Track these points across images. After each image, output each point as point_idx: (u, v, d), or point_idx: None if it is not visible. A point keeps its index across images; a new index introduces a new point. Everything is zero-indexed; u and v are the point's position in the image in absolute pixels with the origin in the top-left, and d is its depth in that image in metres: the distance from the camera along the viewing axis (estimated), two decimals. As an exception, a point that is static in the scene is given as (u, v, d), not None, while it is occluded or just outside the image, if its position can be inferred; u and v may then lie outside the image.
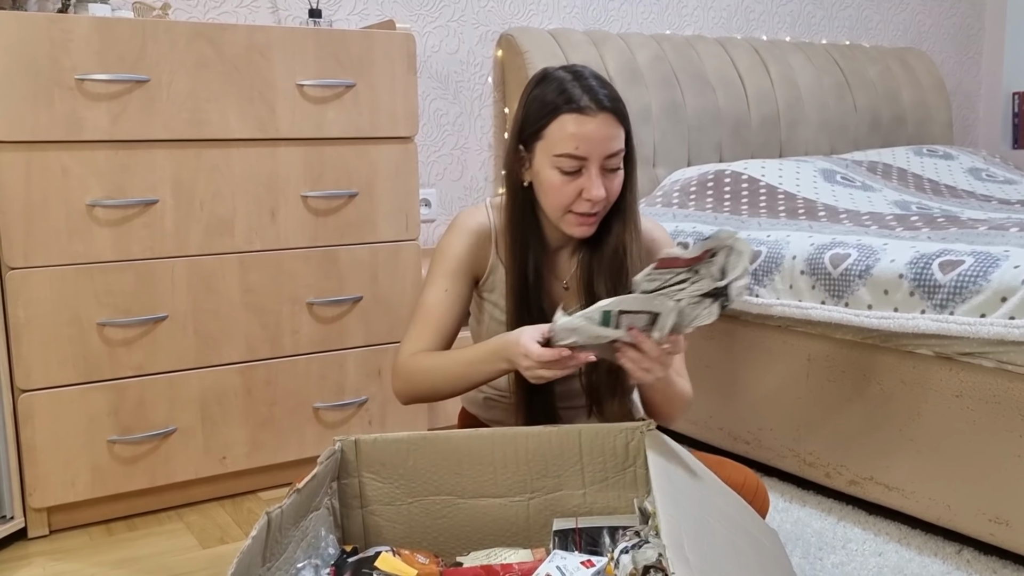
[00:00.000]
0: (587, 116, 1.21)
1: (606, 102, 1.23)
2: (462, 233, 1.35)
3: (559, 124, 1.22)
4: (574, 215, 1.26)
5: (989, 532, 1.43)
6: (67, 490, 1.66)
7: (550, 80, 1.26)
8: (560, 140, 1.22)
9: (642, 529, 1.07)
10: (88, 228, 1.63)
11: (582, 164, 1.23)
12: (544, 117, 1.24)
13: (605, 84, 1.26)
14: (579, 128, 1.21)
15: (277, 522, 1.02)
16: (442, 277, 1.34)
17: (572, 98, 1.22)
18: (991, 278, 1.37)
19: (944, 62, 3.42)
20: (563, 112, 1.22)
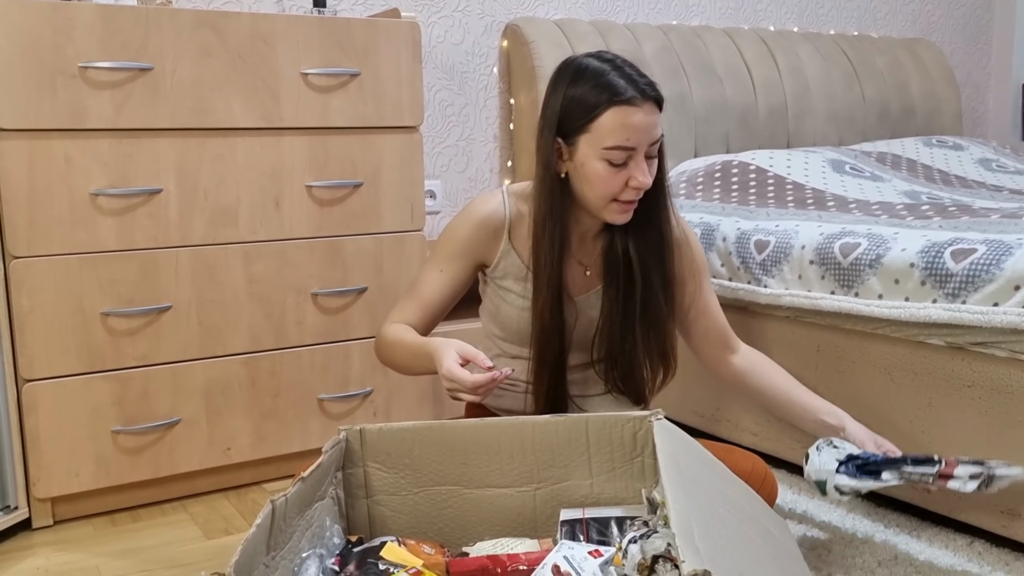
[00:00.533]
0: (635, 107, 1.24)
1: (649, 91, 1.26)
2: (471, 219, 1.38)
3: (609, 117, 1.24)
4: (619, 203, 1.28)
5: (1001, 524, 1.41)
6: (71, 480, 1.65)
7: (588, 72, 1.26)
8: (610, 132, 1.24)
9: (650, 519, 1.06)
10: (92, 217, 1.62)
11: (630, 154, 1.25)
12: (591, 110, 1.25)
13: (641, 71, 1.28)
14: (629, 119, 1.23)
15: (282, 511, 1.01)
16: (441, 258, 1.39)
17: (619, 90, 1.24)
18: (1004, 266, 1.35)
19: (953, 53, 3.39)
20: (613, 105, 1.23)
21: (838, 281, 1.60)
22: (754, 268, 1.77)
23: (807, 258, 1.66)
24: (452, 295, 1.40)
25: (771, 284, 1.73)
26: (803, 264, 1.67)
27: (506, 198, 1.38)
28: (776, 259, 1.72)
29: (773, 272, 1.73)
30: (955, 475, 1.28)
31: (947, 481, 1.29)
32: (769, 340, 1.79)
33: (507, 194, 1.39)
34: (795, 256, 1.69)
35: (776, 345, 1.77)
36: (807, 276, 1.66)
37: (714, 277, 1.86)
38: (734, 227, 1.85)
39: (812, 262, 1.65)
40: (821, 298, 1.63)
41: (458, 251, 1.38)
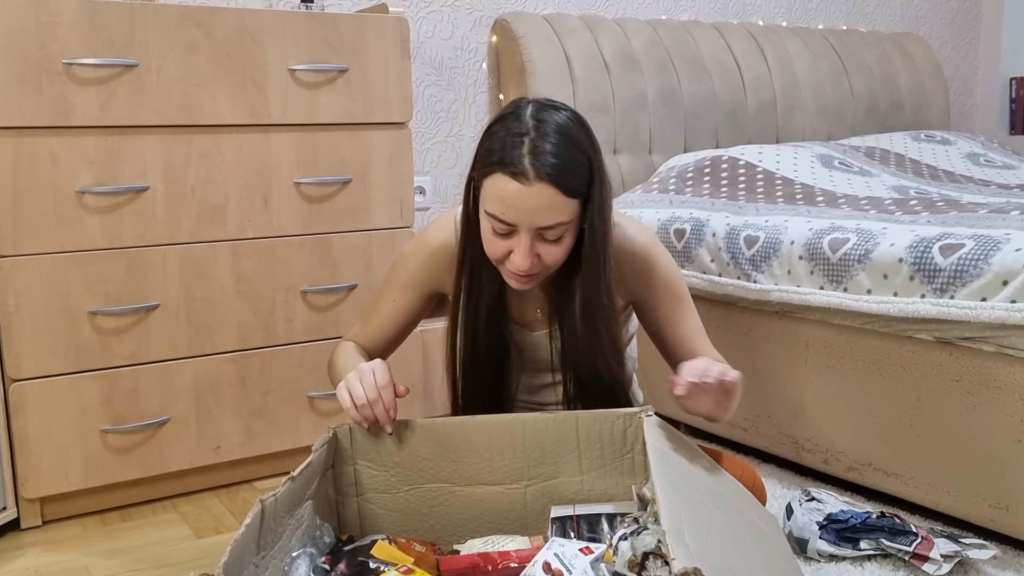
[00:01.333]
0: (519, 183, 1.10)
1: (547, 172, 1.09)
2: (422, 251, 1.33)
3: (492, 182, 1.13)
4: (509, 271, 1.19)
5: (989, 518, 1.42)
6: (60, 480, 1.64)
7: (510, 122, 1.14)
8: (491, 198, 1.13)
9: (641, 516, 1.06)
10: (78, 215, 1.61)
11: (511, 229, 1.14)
12: (485, 167, 1.14)
13: (564, 144, 1.12)
14: (508, 193, 1.11)
15: (271, 510, 1.00)
16: (394, 287, 1.36)
17: (511, 159, 1.10)
18: (992, 261, 1.36)
19: (941, 47, 3.40)
20: (496, 171, 1.12)
21: (827, 276, 1.61)
22: (743, 263, 1.77)
23: (796, 253, 1.66)
24: (406, 324, 1.37)
25: (760, 279, 1.74)
26: (792, 259, 1.67)
27: (457, 227, 1.29)
28: (765, 254, 1.73)
29: (762, 267, 1.73)
30: (930, 557, 1.31)
31: (922, 563, 1.32)
32: (758, 336, 1.79)
33: (458, 223, 1.29)
34: (784, 251, 1.69)
35: (765, 340, 1.78)
36: (796, 271, 1.67)
37: (703, 272, 1.86)
38: (724, 222, 1.85)
39: (801, 257, 1.65)
40: (810, 293, 1.63)
41: (410, 282, 1.34)
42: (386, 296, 1.36)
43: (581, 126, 1.16)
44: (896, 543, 1.35)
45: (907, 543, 1.34)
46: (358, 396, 1.17)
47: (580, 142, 1.14)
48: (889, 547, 1.35)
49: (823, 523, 1.39)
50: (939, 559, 1.30)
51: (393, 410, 1.18)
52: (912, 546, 1.33)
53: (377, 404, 1.17)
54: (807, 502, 1.44)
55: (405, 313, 1.36)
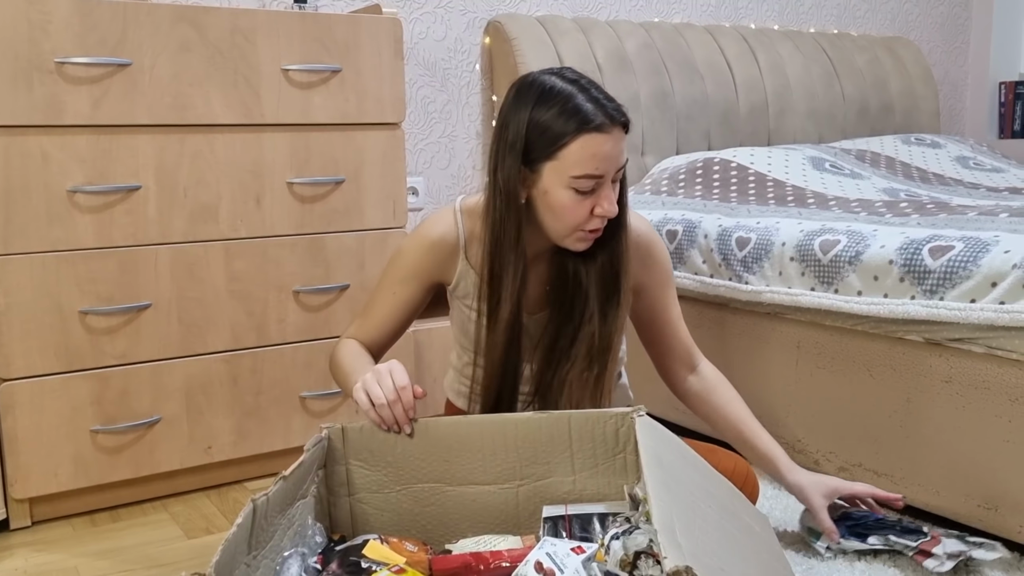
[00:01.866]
0: (605, 134, 1.18)
1: (618, 116, 1.21)
2: (422, 242, 1.33)
3: (580, 145, 1.18)
4: (583, 232, 1.23)
5: (978, 518, 1.43)
6: (49, 481, 1.64)
7: (554, 95, 1.19)
8: (579, 162, 1.18)
9: (632, 515, 1.07)
10: (69, 214, 1.61)
11: (598, 182, 1.20)
12: (559, 138, 1.18)
13: (607, 93, 1.23)
14: (600, 148, 1.18)
15: (263, 510, 1.00)
16: (393, 281, 1.36)
17: (588, 117, 1.18)
18: (981, 263, 1.37)
19: (931, 51, 3.42)
20: (583, 132, 1.17)
21: (818, 278, 1.62)
22: (735, 265, 1.78)
23: (787, 255, 1.67)
24: (406, 317, 1.38)
25: (752, 281, 1.74)
26: (784, 261, 1.68)
27: (459, 217, 1.33)
28: (757, 256, 1.73)
29: (754, 269, 1.74)
30: (933, 553, 1.32)
31: (925, 559, 1.33)
32: (750, 337, 1.80)
33: (460, 212, 1.33)
34: (776, 253, 1.70)
35: (756, 341, 1.78)
36: (787, 273, 1.67)
37: (695, 274, 1.87)
38: (715, 224, 1.86)
39: (792, 259, 1.66)
40: (801, 295, 1.64)
41: (409, 274, 1.34)
42: (385, 290, 1.36)
43: None
44: (903, 539, 1.36)
45: (914, 540, 1.35)
46: (376, 397, 1.17)
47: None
48: (896, 543, 1.36)
49: (835, 519, 1.41)
50: (942, 555, 1.31)
51: (412, 411, 1.19)
52: (918, 543, 1.34)
53: (396, 405, 1.18)
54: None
55: (405, 306, 1.36)
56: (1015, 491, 1.37)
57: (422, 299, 1.38)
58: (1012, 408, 1.37)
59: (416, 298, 1.37)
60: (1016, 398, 1.36)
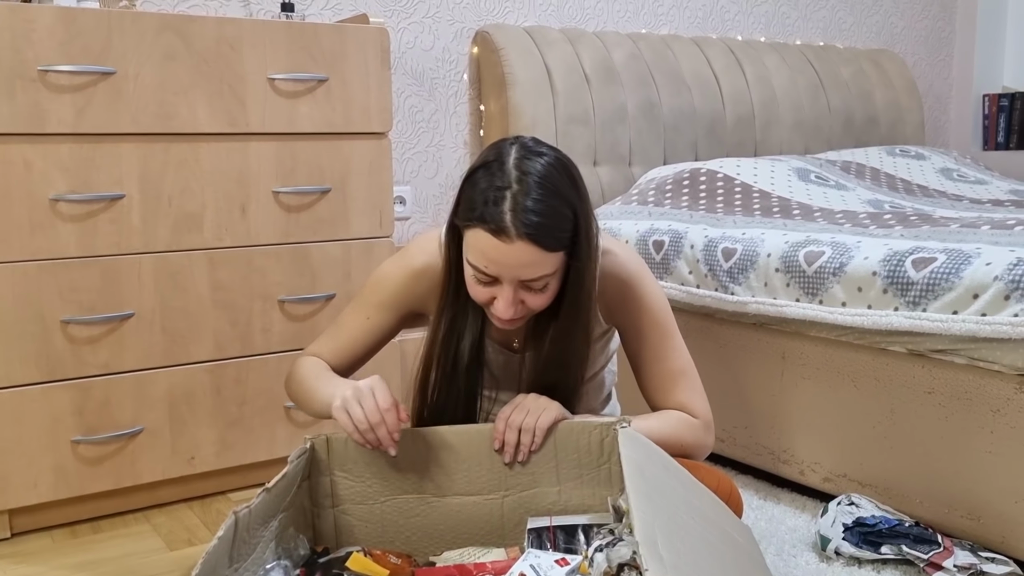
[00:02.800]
0: (499, 240, 1.08)
1: (528, 230, 1.07)
2: (404, 271, 1.29)
3: (474, 235, 1.11)
4: (492, 314, 1.18)
5: (962, 529, 1.43)
6: (29, 492, 1.62)
7: (493, 172, 1.11)
8: (472, 250, 1.12)
9: (616, 527, 1.06)
10: (51, 223, 1.59)
11: (494, 280, 1.13)
12: (467, 218, 1.12)
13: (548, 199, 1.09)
14: (490, 250, 1.09)
15: (245, 522, 0.99)
16: (368, 305, 1.31)
17: (492, 215, 1.08)
18: (963, 275, 1.38)
19: (916, 64, 3.45)
20: (478, 226, 1.10)
21: (803, 289, 1.62)
22: (721, 275, 1.78)
23: (773, 266, 1.68)
24: (377, 344, 1.33)
25: (737, 291, 1.75)
26: (769, 272, 1.69)
27: (443, 249, 1.25)
28: (742, 267, 1.74)
29: (739, 279, 1.75)
30: (943, 566, 1.33)
31: (935, 571, 1.34)
32: (735, 347, 1.81)
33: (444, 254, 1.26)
34: (761, 264, 1.70)
35: (742, 352, 1.79)
36: (773, 284, 1.68)
37: (681, 284, 1.88)
38: (702, 234, 1.86)
39: (778, 270, 1.67)
40: (786, 306, 1.65)
41: (389, 301, 1.30)
42: (358, 313, 1.32)
43: (566, 172, 1.14)
44: (916, 550, 1.36)
45: (925, 551, 1.36)
46: (359, 420, 1.12)
47: (565, 192, 1.12)
48: (908, 553, 1.37)
49: (850, 525, 1.41)
50: (952, 569, 1.32)
51: (397, 432, 1.14)
52: (929, 554, 1.35)
53: (380, 428, 1.13)
54: (846, 505, 1.47)
55: (378, 332, 1.32)
56: (997, 502, 1.38)
57: (396, 328, 1.33)
58: (994, 419, 1.38)
59: (390, 326, 1.32)
60: (998, 409, 1.37)
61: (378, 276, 1.32)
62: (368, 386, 1.14)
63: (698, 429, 1.28)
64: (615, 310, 1.29)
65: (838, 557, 1.41)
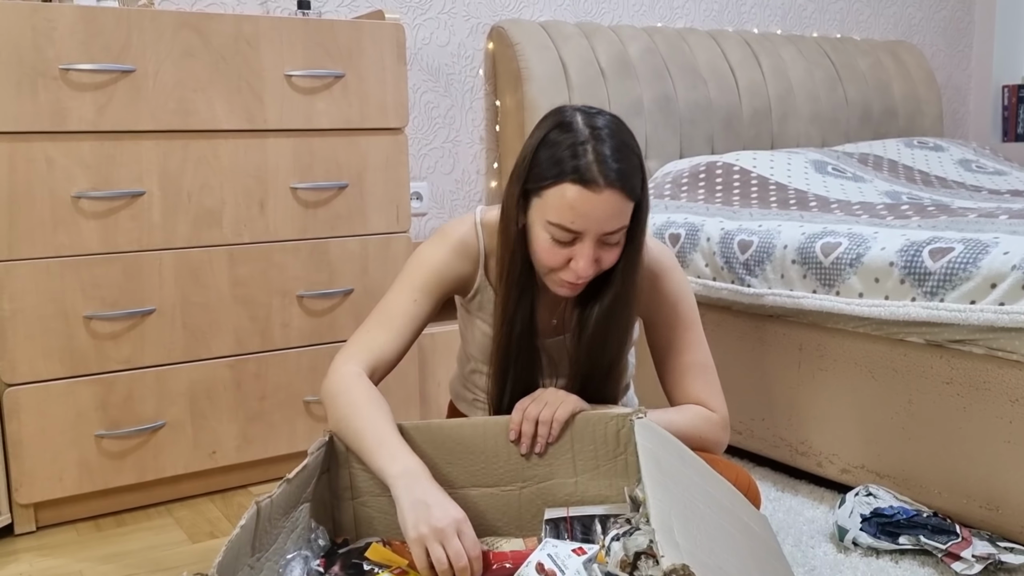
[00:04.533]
0: (590, 191, 1.11)
1: (614, 177, 1.11)
2: (446, 249, 1.29)
3: (560, 191, 1.12)
4: (559, 278, 1.19)
5: (979, 518, 1.43)
6: (54, 486, 1.64)
7: (565, 132, 1.15)
8: (557, 208, 1.13)
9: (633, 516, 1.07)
10: (74, 220, 1.62)
11: (576, 237, 1.14)
12: (548, 178, 1.14)
13: (623, 149, 1.14)
14: (580, 203, 1.12)
15: (267, 512, 1.01)
16: (414, 288, 1.27)
17: (579, 167, 1.11)
18: (981, 265, 1.37)
19: (934, 55, 3.42)
20: (567, 181, 1.12)
21: (819, 280, 1.62)
22: (737, 268, 1.78)
23: (789, 258, 1.68)
24: (421, 327, 1.29)
25: (754, 284, 1.75)
26: (785, 264, 1.68)
27: (479, 231, 1.29)
28: (759, 259, 1.74)
29: (756, 272, 1.74)
30: (962, 556, 1.32)
31: (953, 560, 1.33)
32: (752, 339, 1.80)
33: (480, 226, 1.30)
34: (777, 256, 1.70)
35: (759, 344, 1.79)
36: (789, 276, 1.68)
37: (698, 277, 1.88)
38: (718, 227, 1.86)
39: (794, 261, 1.66)
40: (803, 297, 1.64)
41: (432, 281, 1.28)
42: (405, 296, 1.27)
43: (625, 127, 1.19)
44: (934, 540, 1.36)
45: (944, 541, 1.35)
46: (439, 561, 1.00)
47: (632, 144, 1.17)
48: (926, 544, 1.36)
49: (867, 516, 1.41)
50: (971, 559, 1.31)
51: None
52: (947, 544, 1.34)
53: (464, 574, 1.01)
54: (863, 496, 1.47)
55: (424, 316, 1.28)
56: (1016, 492, 1.37)
57: (435, 312, 1.30)
58: (1013, 409, 1.37)
59: (434, 309, 1.29)
60: (1016, 399, 1.36)
61: (420, 258, 1.29)
62: (453, 523, 1.03)
63: (716, 425, 1.29)
64: (644, 300, 1.30)
65: (856, 548, 1.41)
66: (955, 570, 1.32)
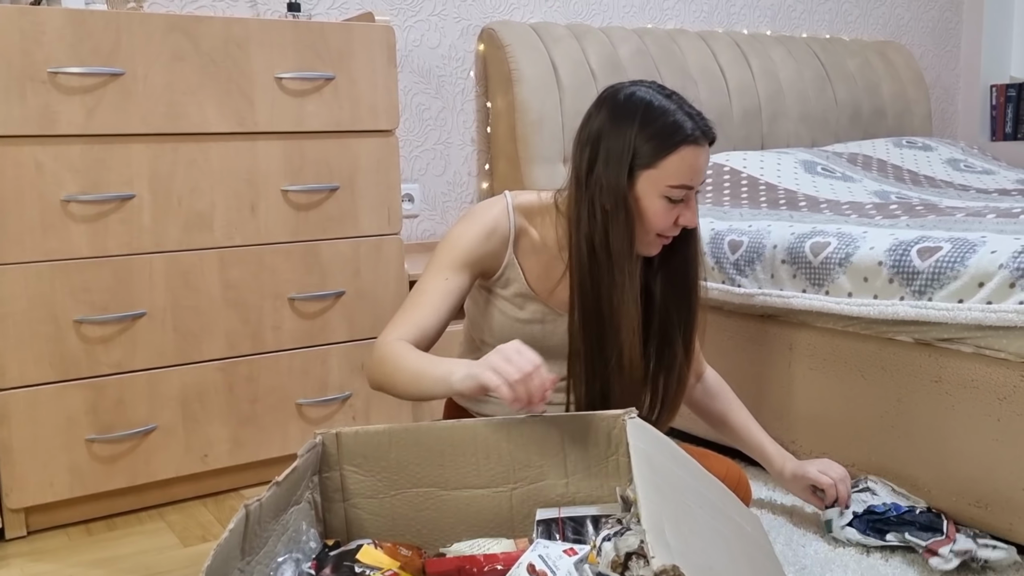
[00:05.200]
0: (701, 147, 1.26)
1: (709, 131, 1.28)
2: (478, 226, 1.32)
3: (680, 157, 1.25)
4: (661, 238, 1.31)
5: (969, 516, 1.44)
6: (45, 490, 1.64)
7: (657, 110, 1.26)
8: (679, 172, 1.25)
9: (624, 517, 1.07)
10: (63, 224, 1.61)
11: (687, 193, 1.27)
12: (663, 150, 1.25)
13: (698, 110, 1.30)
14: (696, 160, 1.26)
15: (256, 515, 1.01)
16: (446, 267, 1.30)
17: (689, 131, 1.25)
18: (968, 264, 1.38)
19: (923, 55, 3.44)
20: (685, 145, 1.25)
21: (809, 280, 1.63)
22: (728, 268, 1.79)
23: (779, 257, 1.68)
24: (456, 306, 1.31)
25: (744, 283, 1.75)
26: (775, 263, 1.69)
27: (511, 211, 1.34)
28: (749, 259, 1.74)
29: (746, 271, 1.75)
30: (939, 552, 1.33)
31: (931, 557, 1.34)
32: (743, 339, 1.81)
33: (511, 207, 1.34)
34: (767, 255, 1.71)
35: (750, 343, 1.79)
36: (779, 275, 1.68)
37: (689, 277, 1.88)
38: (708, 227, 1.87)
39: (784, 261, 1.67)
40: (793, 297, 1.65)
41: (464, 259, 1.30)
42: (436, 276, 1.30)
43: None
44: (916, 537, 1.37)
45: (927, 538, 1.36)
46: (509, 373, 1.09)
47: None
48: (910, 540, 1.37)
49: (860, 513, 1.43)
50: (949, 555, 1.32)
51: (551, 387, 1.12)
52: (928, 541, 1.35)
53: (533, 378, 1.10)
54: (859, 492, 1.48)
55: (457, 293, 1.30)
56: (1005, 489, 1.38)
57: (467, 290, 1.33)
58: (1001, 407, 1.38)
59: (465, 287, 1.31)
60: (1004, 397, 1.37)
61: (451, 238, 1.33)
62: (512, 347, 1.12)
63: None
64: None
65: (839, 542, 1.42)
66: (932, 566, 1.33)
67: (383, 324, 1.93)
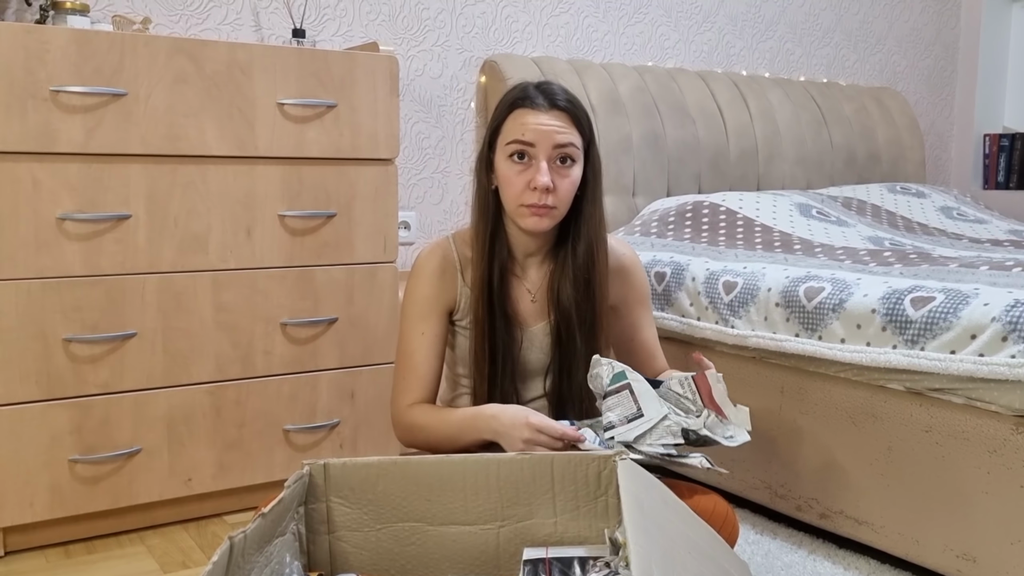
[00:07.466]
0: (538, 110, 1.31)
1: (559, 101, 1.32)
2: (424, 272, 1.40)
3: (513, 117, 1.33)
4: (526, 207, 1.32)
5: (956, 568, 1.43)
6: (24, 510, 1.61)
7: (516, 86, 1.37)
8: (512, 129, 1.32)
9: (612, 560, 1.06)
10: (57, 242, 1.61)
11: (530, 152, 1.31)
12: (502, 113, 1.34)
13: (567, 93, 1.35)
14: (527, 118, 1.31)
15: (240, 547, 0.99)
16: (416, 321, 1.39)
17: (528, 95, 1.33)
18: (961, 315, 1.38)
19: (918, 102, 3.49)
20: (518, 107, 1.33)
21: (802, 324, 1.63)
22: (722, 308, 1.79)
23: (773, 300, 1.69)
24: (442, 352, 1.41)
25: (738, 325, 1.75)
26: (769, 306, 1.69)
27: (453, 243, 1.42)
28: (743, 300, 1.75)
29: (740, 313, 1.75)
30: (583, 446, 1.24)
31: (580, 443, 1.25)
32: (735, 380, 1.81)
33: (453, 240, 1.43)
34: (761, 298, 1.71)
35: (742, 385, 1.79)
36: (773, 318, 1.69)
37: (682, 316, 1.88)
38: (703, 267, 1.87)
39: (778, 304, 1.68)
40: (786, 340, 1.65)
41: (427, 307, 1.39)
42: (413, 336, 1.39)
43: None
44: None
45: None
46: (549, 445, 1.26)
47: (581, 104, 1.36)
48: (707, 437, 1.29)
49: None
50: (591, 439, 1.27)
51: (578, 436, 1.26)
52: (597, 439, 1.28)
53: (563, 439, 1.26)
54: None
55: (438, 341, 1.40)
56: (994, 543, 1.37)
57: (445, 332, 1.41)
58: (991, 459, 1.37)
59: (441, 331, 1.40)
60: (994, 449, 1.37)
61: (409, 293, 1.41)
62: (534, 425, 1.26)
63: None
64: (616, 290, 1.46)
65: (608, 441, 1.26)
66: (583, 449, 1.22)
67: (375, 352, 1.92)
